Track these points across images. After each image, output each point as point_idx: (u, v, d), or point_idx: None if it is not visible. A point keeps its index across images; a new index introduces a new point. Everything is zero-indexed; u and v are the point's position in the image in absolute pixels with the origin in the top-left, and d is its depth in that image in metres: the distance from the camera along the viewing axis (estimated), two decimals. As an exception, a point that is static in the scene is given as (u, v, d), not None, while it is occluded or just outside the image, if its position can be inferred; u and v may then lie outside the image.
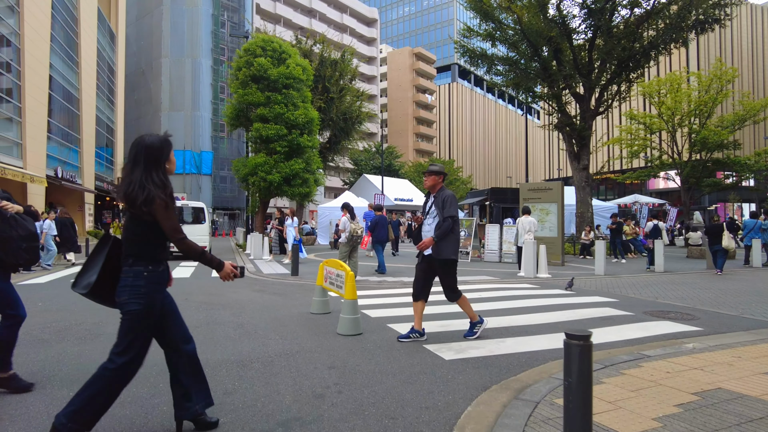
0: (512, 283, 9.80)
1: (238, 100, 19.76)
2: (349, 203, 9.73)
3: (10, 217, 3.31)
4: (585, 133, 19.41)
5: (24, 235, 3.33)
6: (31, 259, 3.43)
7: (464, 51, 21.88)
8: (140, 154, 2.45)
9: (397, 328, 5.39)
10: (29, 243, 3.37)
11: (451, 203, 4.71)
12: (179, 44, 47.23)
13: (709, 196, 56.44)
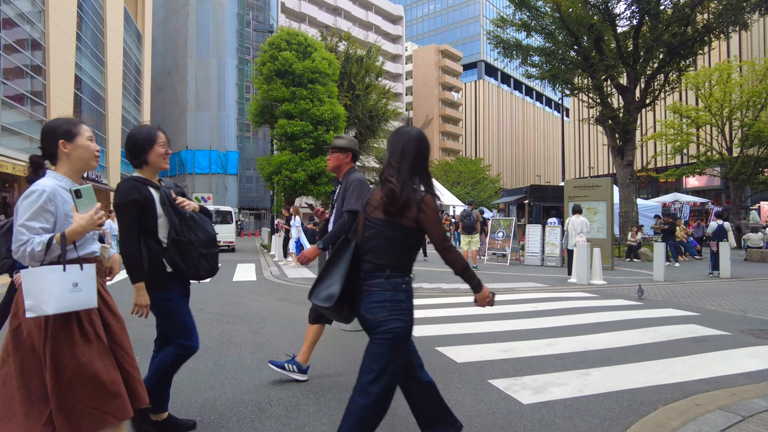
0: (565, 291, 8.73)
1: (263, 96, 19.11)
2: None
3: (189, 216, 2.58)
4: (630, 126, 18.09)
5: (204, 239, 2.64)
6: (212, 269, 2.70)
7: (497, 42, 20.76)
8: (408, 150, 2.18)
9: (450, 354, 4.44)
10: (209, 249, 2.66)
11: (355, 192, 3.39)
12: (205, 44, 47.17)
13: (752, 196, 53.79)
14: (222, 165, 47.38)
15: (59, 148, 2.03)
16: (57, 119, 2.10)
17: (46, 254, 1.88)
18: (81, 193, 1.96)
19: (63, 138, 2.03)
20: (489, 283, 9.02)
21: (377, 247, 2.13)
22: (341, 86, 26.95)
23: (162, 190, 2.53)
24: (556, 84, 20.98)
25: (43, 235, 1.89)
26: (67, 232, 1.90)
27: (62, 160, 2.06)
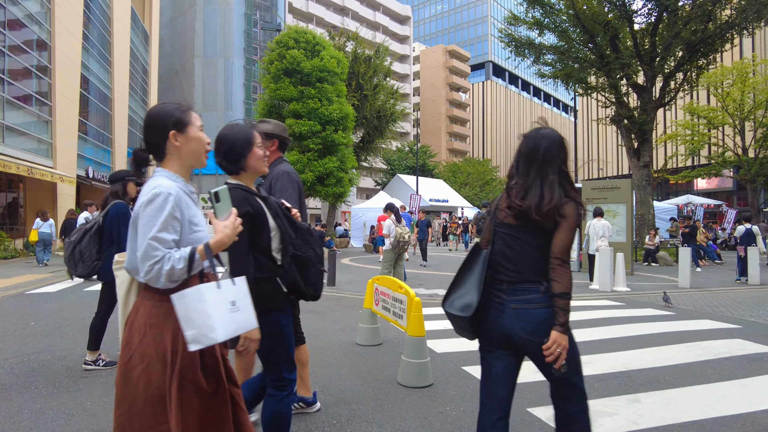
0: (588, 299, 8.26)
1: (270, 95, 18.76)
2: (394, 204, 8.39)
3: (306, 229, 2.25)
4: (646, 126, 17.53)
5: (321, 254, 2.33)
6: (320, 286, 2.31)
7: (509, 40, 20.29)
8: (551, 152, 2.01)
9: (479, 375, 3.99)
10: (321, 265, 2.31)
11: (287, 187, 2.76)
12: (212, 44, 47.03)
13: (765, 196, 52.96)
14: (229, 166, 47.11)
15: (169, 141, 1.67)
16: (165, 104, 1.72)
17: (189, 272, 1.54)
18: (219, 196, 1.66)
19: (174, 128, 1.67)
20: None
21: (521, 256, 1.94)
22: (349, 86, 26.61)
23: (272, 200, 2.16)
24: (569, 83, 20.47)
25: (181, 250, 1.54)
26: (212, 243, 1.57)
27: (172, 155, 1.70)
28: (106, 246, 3.80)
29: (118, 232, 3.80)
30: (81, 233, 3.77)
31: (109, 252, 3.77)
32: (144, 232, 1.51)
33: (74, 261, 3.71)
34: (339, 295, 8.26)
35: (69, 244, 3.75)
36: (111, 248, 3.78)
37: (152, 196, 1.54)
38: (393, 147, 50.05)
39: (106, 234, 3.82)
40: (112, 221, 3.82)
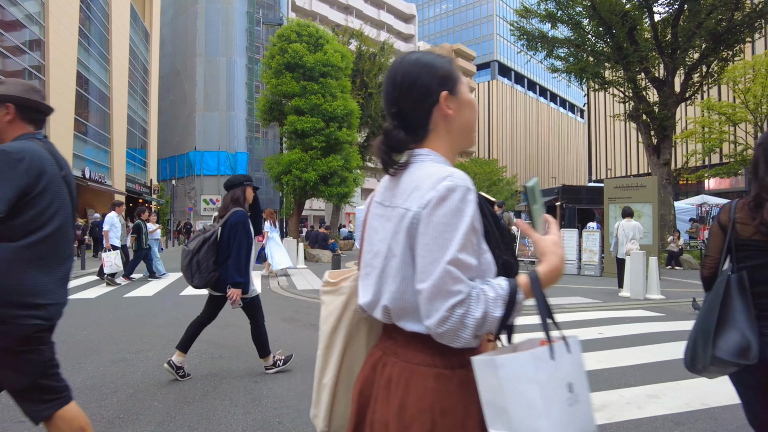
0: (622, 308, 7.40)
1: (271, 91, 17.96)
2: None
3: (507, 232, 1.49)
4: (667, 122, 16.63)
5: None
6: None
7: (521, 33, 19.46)
8: None
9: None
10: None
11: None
12: (214, 43, 46.37)
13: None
14: (231, 166, 46.46)
15: (438, 108, 1.07)
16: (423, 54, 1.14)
17: (504, 322, 0.96)
18: (534, 193, 1.08)
19: (446, 88, 1.08)
20: (532, 298, 7.73)
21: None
22: (353, 84, 25.85)
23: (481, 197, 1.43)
24: (583, 78, 19.61)
25: (492, 284, 0.95)
26: (543, 274, 1.02)
27: (438, 131, 1.10)
28: (223, 257, 3.62)
29: (237, 243, 3.57)
30: (199, 242, 3.60)
31: (227, 265, 3.61)
32: (434, 249, 0.92)
33: (191, 271, 3.57)
34: (344, 304, 7.44)
35: (187, 253, 3.59)
36: (228, 260, 3.60)
37: (445, 191, 0.95)
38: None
39: (224, 244, 3.62)
40: (231, 230, 3.59)
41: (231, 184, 3.82)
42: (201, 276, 3.56)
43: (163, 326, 5.83)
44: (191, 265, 3.55)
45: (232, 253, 3.54)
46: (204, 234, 3.65)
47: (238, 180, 3.82)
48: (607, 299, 8.13)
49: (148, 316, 6.50)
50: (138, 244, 10.31)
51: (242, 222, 3.61)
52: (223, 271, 3.60)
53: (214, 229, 3.66)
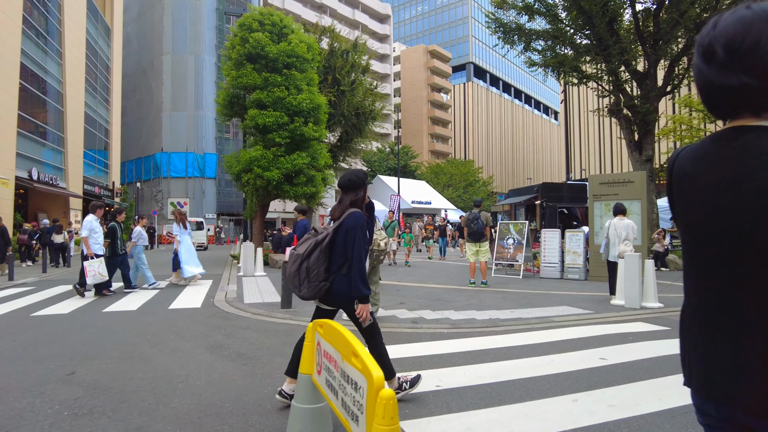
0: (619, 321, 6.38)
1: (231, 84, 16.66)
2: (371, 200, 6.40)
3: None
4: (650, 117, 15.90)
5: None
6: None
7: (497, 26, 18.57)
8: None
9: None
10: None
11: None
12: (181, 40, 44.57)
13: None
14: (199, 168, 44.71)
15: None
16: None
17: None
18: None
19: None
20: (511, 309, 6.67)
21: None
22: (325, 81, 24.79)
23: None
24: (561, 72, 18.81)
25: None
26: None
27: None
28: (336, 264, 3.17)
29: (358, 249, 3.10)
30: (311, 246, 3.16)
31: (339, 274, 3.16)
32: None
33: (299, 279, 3.14)
34: (292, 322, 6.22)
35: (296, 257, 3.17)
36: (342, 268, 3.15)
37: None
38: (373, 148, 48.25)
39: (338, 249, 3.17)
40: (349, 234, 3.13)
41: (353, 183, 3.27)
42: (310, 285, 3.10)
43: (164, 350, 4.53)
44: (300, 272, 3.10)
45: (354, 261, 3.08)
46: (316, 236, 3.16)
47: (360, 179, 3.29)
48: (599, 309, 7.10)
49: (138, 338, 5.17)
50: (112, 250, 9.05)
51: (361, 225, 3.14)
52: (335, 280, 3.13)
53: (327, 231, 3.18)
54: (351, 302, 3.12)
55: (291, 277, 3.17)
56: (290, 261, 3.18)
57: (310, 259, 3.10)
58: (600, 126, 71.33)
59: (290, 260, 3.18)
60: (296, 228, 8.50)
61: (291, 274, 3.17)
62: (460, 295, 8.34)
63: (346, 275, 3.10)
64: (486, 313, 6.65)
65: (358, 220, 3.14)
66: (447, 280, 10.79)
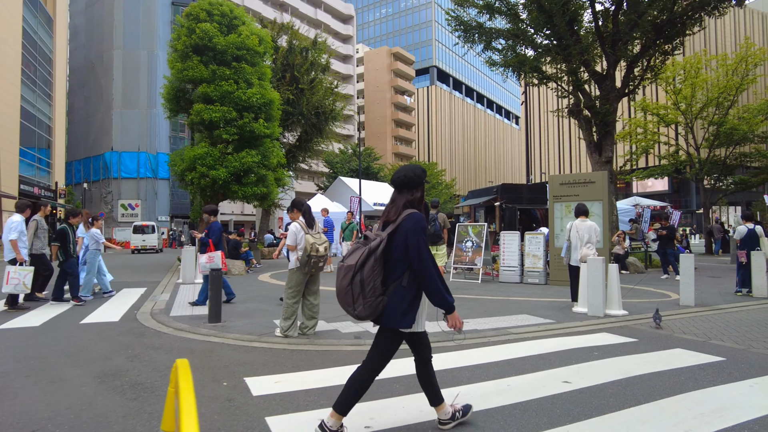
0: (581, 331, 5.84)
1: (177, 77, 15.56)
2: (303, 201, 5.64)
3: None
4: (609, 117, 15.77)
5: None
6: None
7: (457, 24, 18.14)
8: None
9: None
10: None
11: None
12: (133, 35, 42.53)
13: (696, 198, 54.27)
14: (152, 169, 42.73)
15: None
16: None
17: None
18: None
19: None
20: (466, 319, 6.05)
21: None
22: (283, 78, 23.97)
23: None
24: (521, 73, 18.56)
25: None
26: None
27: None
28: (394, 275, 2.63)
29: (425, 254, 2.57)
30: (364, 254, 2.60)
31: (398, 285, 2.62)
32: None
33: (352, 295, 2.57)
34: (215, 340, 5.39)
35: (346, 270, 2.60)
36: (400, 279, 2.61)
37: None
38: (335, 149, 47.35)
39: (397, 256, 2.63)
40: (411, 238, 2.59)
41: (409, 181, 2.80)
42: (366, 301, 2.60)
43: None
44: (352, 286, 2.61)
45: (425, 269, 2.60)
46: (368, 244, 2.67)
47: (418, 176, 2.83)
48: (560, 317, 6.57)
49: (17, 364, 4.16)
50: (64, 255, 7.99)
51: (423, 228, 2.67)
52: (393, 294, 2.64)
53: (380, 237, 2.69)
54: (404, 320, 2.63)
55: (342, 294, 2.65)
56: (339, 275, 2.67)
57: (363, 270, 2.61)
58: (560, 128, 72.80)
59: (339, 274, 2.68)
60: (211, 231, 7.56)
61: (342, 290, 2.65)
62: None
63: (407, 287, 2.63)
64: (439, 324, 5.97)
65: (418, 223, 2.66)
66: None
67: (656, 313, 6.04)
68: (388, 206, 2.83)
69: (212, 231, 7.52)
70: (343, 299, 2.66)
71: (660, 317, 6.02)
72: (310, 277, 5.47)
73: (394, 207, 2.78)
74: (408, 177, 2.78)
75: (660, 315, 6.04)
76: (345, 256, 2.75)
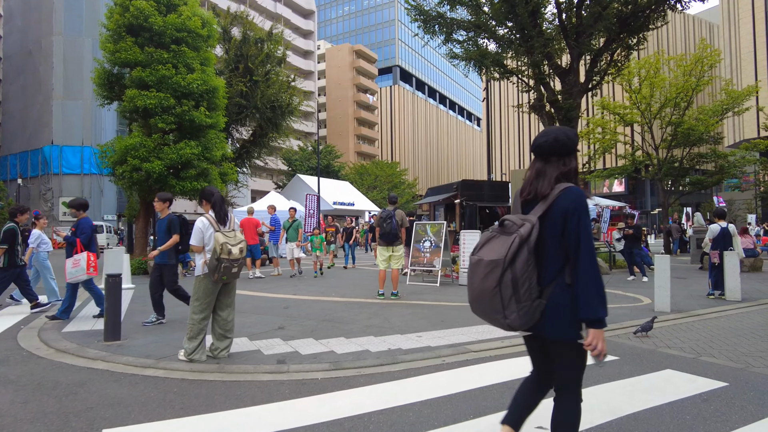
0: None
1: (109, 59, 14.05)
2: (215, 190, 4.53)
3: None
4: (572, 113, 15.26)
5: None
6: None
7: (417, 13, 17.31)
8: None
9: None
10: None
11: None
12: (76, 20, 39.83)
13: (651, 199, 55.76)
14: (97, 164, 39.96)
15: None
16: None
17: None
18: None
19: None
20: (418, 332, 5.11)
21: None
22: (236, 69, 22.68)
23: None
24: (483, 67, 17.91)
25: None
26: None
27: None
28: (551, 270, 2.00)
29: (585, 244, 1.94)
30: (515, 245, 1.95)
31: (559, 284, 1.98)
32: None
33: (501, 300, 1.95)
34: (99, 367, 4.22)
35: (491, 266, 1.96)
36: (560, 276, 1.98)
37: None
38: (294, 146, 45.89)
39: (551, 247, 2.01)
40: (568, 220, 1.97)
41: (561, 146, 2.08)
42: (521, 306, 1.93)
43: None
44: (502, 288, 1.93)
45: (591, 262, 1.92)
46: (517, 231, 1.97)
47: (571, 140, 2.11)
48: (527, 329, 5.72)
49: None
50: (9, 260, 6.73)
51: (586, 208, 1.98)
52: (552, 296, 1.96)
53: (527, 221, 1.98)
54: (573, 328, 1.99)
55: (486, 298, 2.01)
56: (477, 274, 2.05)
57: (515, 265, 1.97)
58: (520, 127, 73.60)
59: (476, 272, 2.05)
60: (79, 229, 6.29)
61: (485, 294, 2.01)
62: (362, 313, 6.69)
63: (572, 285, 1.97)
64: (386, 340, 5.03)
65: (581, 200, 2.02)
66: (353, 292, 9.12)
67: (649, 323, 5.32)
68: (531, 181, 2.16)
69: (81, 229, 6.27)
70: (487, 305, 2.02)
71: (651, 327, 5.30)
72: (222, 286, 4.38)
73: (544, 180, 2.11)
74: (559, 140, 2.12)
75: (651, 325, 5.32)
76: (476, 249, 2.10)
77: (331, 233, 14.78)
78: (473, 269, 2.08)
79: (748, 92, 22.40)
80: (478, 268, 2.05)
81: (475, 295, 2.07)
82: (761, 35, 45.23)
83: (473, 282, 2.07)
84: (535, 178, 2.15)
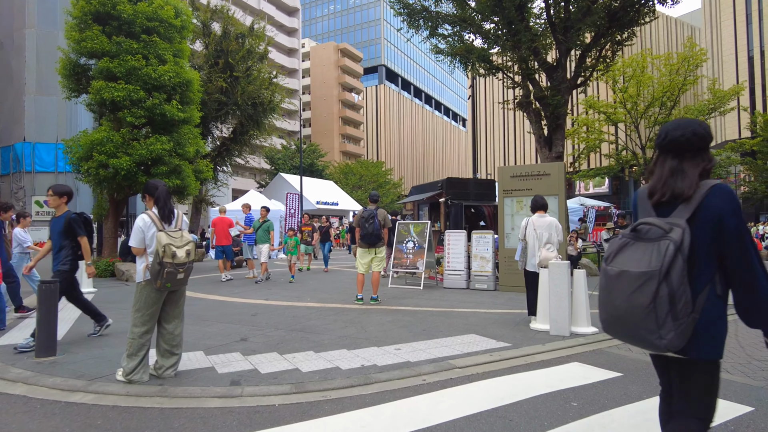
0: (546, 361, 4.47)
1: (74, 49, 13.24)
2: (160, 184, 3.89)
3: None
4: (560, 110, 14.86)
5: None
6: None
7: (401, 6, 16.82)
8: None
9: None
10: None
11: None
12: (49, 12, 38.36)
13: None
14: (69, 162, 38.80)
15: None
16: None
17: None
18: None
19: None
20: (397, 343, 4.54)
21: None
22: (216, 65, 21.97)
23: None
24: (469, 62, 17.47)
25: None
26: None
27: None
28: (701, 283, 1.73)
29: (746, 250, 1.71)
30: (670, 253, 1.68)
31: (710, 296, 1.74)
32: None
33: (656, 318, 1.66)
34: (14, 392, 3.58)
35: (642, 278, 1.68)
36: (710, 286, 1.74)
37: None
38: (277, 144, 45.07)
39: (702, 254, 1.75)
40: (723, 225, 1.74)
41: (701, 140, 1.84)
42: (678, 324, 1.65)
43: None
44: (657, 304, 1.66)
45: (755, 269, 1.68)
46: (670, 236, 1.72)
47: (710, 134, 1.89)
48: (517, 339, 5.18)
49: None
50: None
51: (741, 208, 1.80)
52: (706, 310, 1.72)
53: (676, 224, 1.75)
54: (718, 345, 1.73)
55: (639, 317, 1.68)
56: (622, 289, 1.71)
57: (671, 277, 1.65)
58: (506, 126, 73.57)
59: (621, 287, 1.72)
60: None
61: (637, 312, 1.69)
62: (337, 321, 6.12)
63: (722, 296, 1.74)
64: (360, 354, 4.46)
65: (734, 198, 1.77)
66: (331, 296, 8.52)
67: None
68: (665, 180, 1.88)
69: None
70: (637, 326, 1.73)
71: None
72: (169, 295, 3.77)
73: (684, 180, 1.84)
74: (698, 134, 1.86)
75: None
76: (609, 258, 1.84)
77: (308, 232, 14.15)
78: (613, 283, 1.78)
79: (734, 92, 22.32)
80: (621, 282, 1.75)
81: (619, 314, 1.77)
82: (742, 38, 45.68)
83: (614, 299, 1.77)
84: (670, 176, 1.87)
